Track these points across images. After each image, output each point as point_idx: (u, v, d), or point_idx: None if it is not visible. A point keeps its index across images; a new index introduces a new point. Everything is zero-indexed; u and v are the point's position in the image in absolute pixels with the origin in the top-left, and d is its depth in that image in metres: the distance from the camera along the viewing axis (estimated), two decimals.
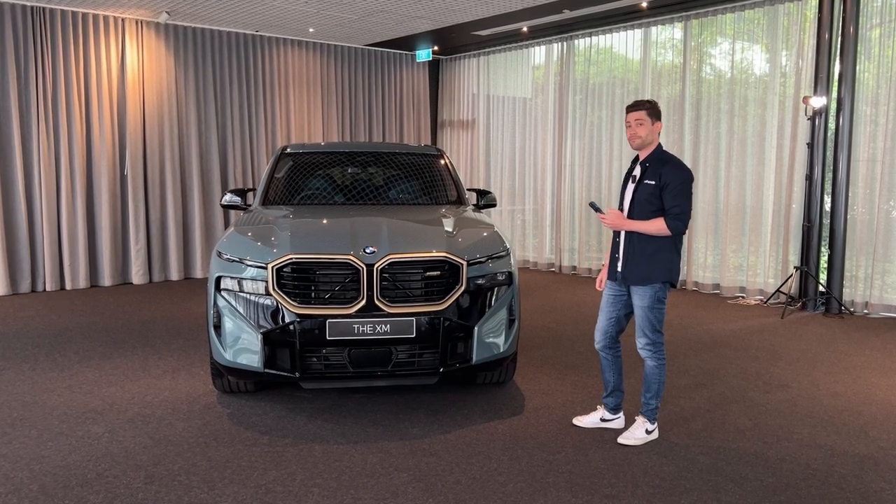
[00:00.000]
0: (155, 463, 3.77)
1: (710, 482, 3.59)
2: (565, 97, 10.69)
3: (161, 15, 9.13)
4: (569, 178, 10.72)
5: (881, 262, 7.61)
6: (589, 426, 4.32)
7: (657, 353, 4.05)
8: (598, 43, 10.33)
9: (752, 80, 8.65)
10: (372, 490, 3.47)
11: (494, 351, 4.55)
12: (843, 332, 6.88)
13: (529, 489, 3.50)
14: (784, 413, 4.61)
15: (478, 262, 4.51)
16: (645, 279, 3.97)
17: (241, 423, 4.37)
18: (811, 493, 3.47)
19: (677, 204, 3.90)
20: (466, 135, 12.41)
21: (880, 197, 7.55)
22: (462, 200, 5.88)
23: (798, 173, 8.11)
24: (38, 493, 3.43)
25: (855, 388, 5.13)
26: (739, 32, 8.75)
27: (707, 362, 5.82)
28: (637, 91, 9.72)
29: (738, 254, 8.84)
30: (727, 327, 7.12)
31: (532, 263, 11.36)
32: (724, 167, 8.87)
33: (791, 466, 3.78)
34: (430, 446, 4.01)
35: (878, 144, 7.61)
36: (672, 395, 4.90)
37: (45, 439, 4.09)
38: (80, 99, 8.99)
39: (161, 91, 9.60)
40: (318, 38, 10.90)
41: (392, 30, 10.25)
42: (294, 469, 3.71)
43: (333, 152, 6.20)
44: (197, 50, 9.88)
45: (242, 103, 10.33)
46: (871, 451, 4.00)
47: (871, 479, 3.63)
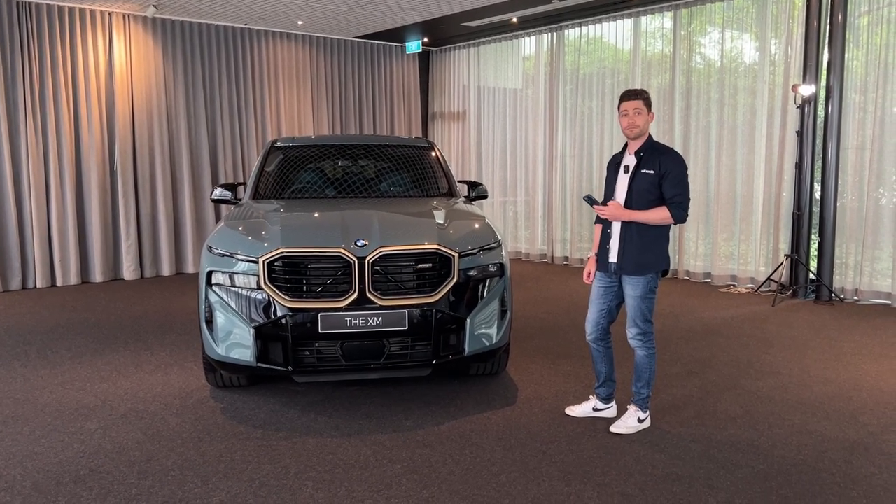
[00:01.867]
0: (148, 458, 3.77)
1: (701, 469, 3.61)
2: (556, 88, 10.68)
3: (148, 8, 9.07)
4: (560, 168, 10.72)
5: (870, 249, 7.65)
6: (581, 416, 4.34)
7: (648, 342, 4.06)
8: (589, 33, 10.32)
9: (741, 68, 8.66)
10: (366, 482, 3.48)
11: (487, 342, 4.56)
12: (833, 319, 6.93)
13: (523, 479, 3.51)
14: (775, 400, 4.64)
15: (469, 253, 4.51)
16: (643, 268, 3.98)
17: (235, 417, 4.37)
18: (802, 479, 3.50)
19: (679, 192, 3.91)
20: (457, 126, 12.39)
21: (869, 184, 7.59)
22: (453, 192, 5.88)
23: (788, 161, 8.14)
24: (31, 489, 3.43)
25: (845, 375, 5.17)
26: (729, 21, 8.76)
27: (698, 350, 5.85)
28: (627, 81, 9.72)
29: (730, 242, 8.88)
30: (718, 315, 7.16)
31: (524, 254, 11.37)
32: (714, 156, 8.89)
33: (782, 453, 3.81)
34: (424, 438, 4.03)
35: (866, 132, 7.64)
36: (664, 384, 4.93)
37: (37, 436, 4.08)
38: (68, 94, 8.93)
39: (150, 85, 9.55)
40: (307, 31, 10.85)
41: (381, 21, 10.21)
42: (288, 462, 3.71)
43: (324, 145, 6.18)
44: (185, 43, 9.82)
45: (232, 97, 10.28)
46: (862, 436, 4.04)
47: (862, 465, 3.67)
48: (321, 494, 3.36)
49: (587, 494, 3.35)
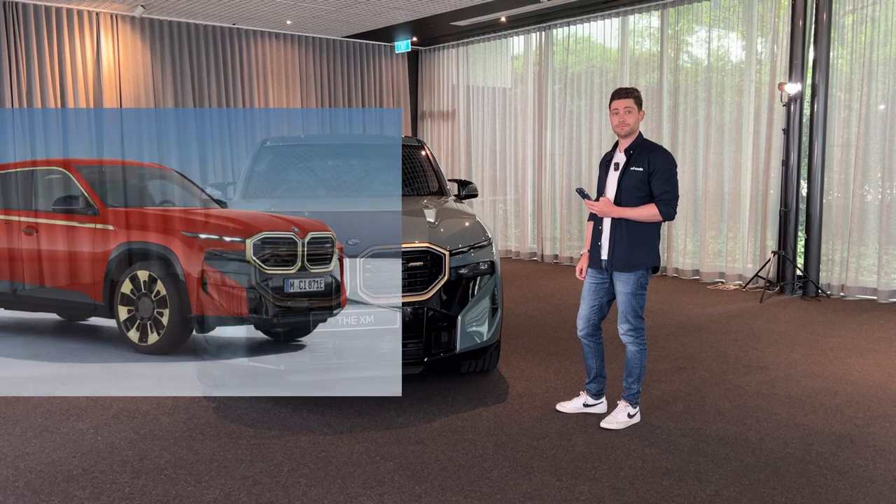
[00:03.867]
0: (141, 457, 3.77)
1: (691, 463, 3.66)
2: (545, 87, 10.73)
3: (136, 8, 9.05)
4: (549, 167, 10.77)
5: (856, 245, 7.74)
6: (572, 411, 4.37)
7: (639, 338, 4.11)
8: (577, 32, 10.37)
9: (728, 67, 8.74)
10: (359, 479, 3.50)
11: (478, 340, 4.58)
12: (819, 315, 7.00)
13: (514, 474, 3.54)
14: (763, 394, 4.69)
15: (460, 251, 4.54)
16: (633, 265, 4.02)
17: (227, 416, 4.38)
18: (790, 471, 3.55)
19: (667, 190, 3.95)
20: (447, 125, 12.42)
21: (855, 181, 7.67)
22: (443, 191, 5.90)
23: (775, 159, 8.21)
24: (23, 489, 3.43)
25: (832, 369, 5.23)
26: (716, 20, 8.83)
27: (687, 346, 5.91)
28: (616, 80, 9.77)
29: (717, 240, 8.95)
30: (707, 312, 7.22)
31: (514, 253, 11.41)
32: (702, 154, 8.96)
33: (770, 446, 3.86)
34: (416, 434, 4.05)
35: (852, 129, 7.72)
36: (653, 380, 4.97)
37: (29, 436, 4.08)
38: (56, 94, 8.90)
39: (138, 85, 9.52)
40: (295, 30, 10.85)
41: (370, 21, 10.22)
42: (281, 460, 3.73)
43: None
44: (173, 43, 9.80)
45: (220, 97, 10.26)
46: (848, 429, 4.09)
47: (848, 457, 3.72)
48: (314, 491, 3.38)
49: (578, 489, 3.39)
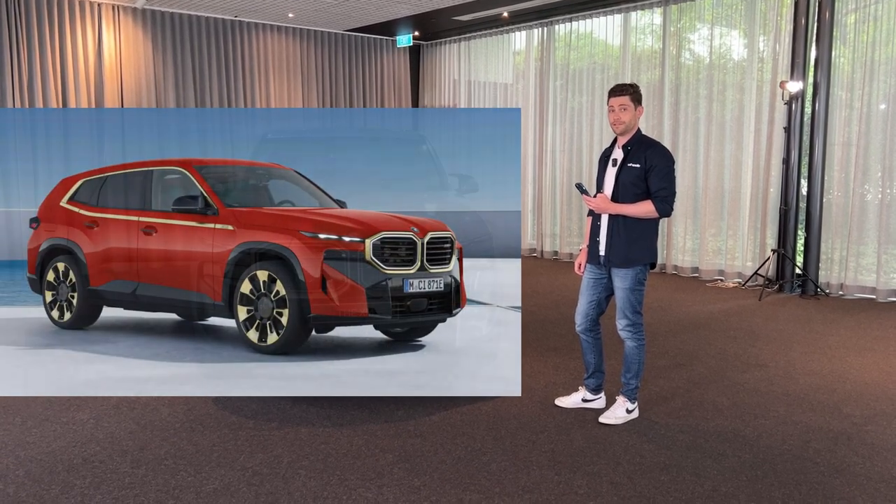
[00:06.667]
0: (141, 448, 3.79)
1: (689, 459, 3.67)
2: (546, 83, 10.72)
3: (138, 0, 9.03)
4: (550, 163, 10.77)
5: (856, 244, 7.75)
6: (571, 406, 4.38)
7: (637, 334, 4.12)
8: (579, 28, 10.36)
9: (730, 65, 8.73)
10: (358, 471, 3.52)
11: None
12: (818, 313, 7.02)
13: (513, 468, 3.56)
14: (761, 392, 4.71)
15: None
16: (629, 261, 4.03)
17: (227, 407, 4.39)
18: (787, 468, 3.57)
19: (664, 186, 3.96)
20: None
21: (855, 180, 7.68)
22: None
23: (775, 157, 8.22)
24: (24, 478, 3.44)
25: (830, 367, 5.25)
26: (718, 18, 8.82)
27: (686, 343, 5.92)
28: (617, 76, 9.77)
29: (717, 237, 8.96)
30: (706, 309, 7.23)
31: None
32: (702, 152, 8.96)
33: (768, 443, 3.88)
34: (415, 428, 4.06)
35: (853, 128, 7.73)
36: (652, 376, 4.99)
37: (29, 426, 4.09)
38: (57, 86, 8.89)
39: (139, 77, 9.51)
40: (297, 24, 10.83)
41: (372, 15, 10.21)
42: (280, 452, 3.74)
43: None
44: (175, 35, 9.78)
45: (222, 89, 10.26)
46: (845, 427, 4.11)
47: (845, 454, 3.74)
48: (314, 483, 3.39)
49: (576, 483, 3.40)
